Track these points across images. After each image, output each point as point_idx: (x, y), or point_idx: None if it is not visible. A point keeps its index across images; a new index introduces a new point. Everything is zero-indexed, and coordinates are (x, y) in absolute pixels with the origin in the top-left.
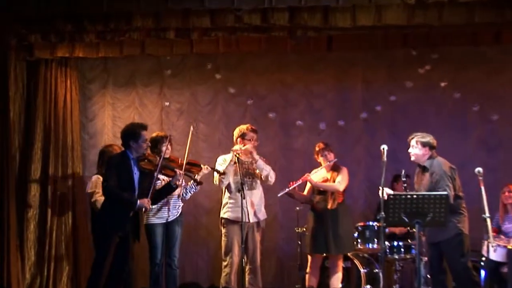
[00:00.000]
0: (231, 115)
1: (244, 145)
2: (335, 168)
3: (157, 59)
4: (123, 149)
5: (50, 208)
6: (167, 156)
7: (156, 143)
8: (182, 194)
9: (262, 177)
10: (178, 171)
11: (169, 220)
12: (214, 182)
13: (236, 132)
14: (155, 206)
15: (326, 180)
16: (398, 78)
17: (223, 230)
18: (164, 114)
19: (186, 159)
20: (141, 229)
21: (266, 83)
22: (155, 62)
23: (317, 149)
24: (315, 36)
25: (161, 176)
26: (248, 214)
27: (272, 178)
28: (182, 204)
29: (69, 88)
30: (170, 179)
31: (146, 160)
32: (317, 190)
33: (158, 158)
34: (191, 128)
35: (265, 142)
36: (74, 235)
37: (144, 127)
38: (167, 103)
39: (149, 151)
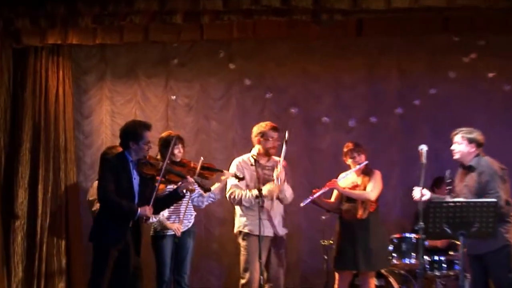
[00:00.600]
0: (247, 111)
1: (267, 147)
2: (366, 172)
3: (162, 47)
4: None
5: (40, 218)
6: (178, 159)
7: (167, 144)
8: (197, 202)
9: (279, 197)
10: (188, 177)
11: (180, 230)
12: (228, 196)
13: (255, 131)
14: (166, 214)
15: (356, 186)
16: (439, 68)
17: (243, 244)
18: (170, 109)
19: (200, 163)
20: (142, 242)
21: (287, 74)
22: (160, 50)
23: (345, 149)
24: (342, 20)
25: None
26: (268, 227)
27: (288, 200)
28: (195, 213)
29: (61, 80)
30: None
31: (147, 164)
32: (345, 197)
33: (161, 162)
34: (286, 133)
35: (288, 143)
36: (67, 248)
37: (147, 126)
38: (173, 97)
39: (156, 154)
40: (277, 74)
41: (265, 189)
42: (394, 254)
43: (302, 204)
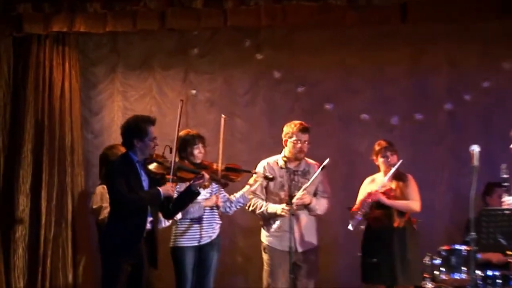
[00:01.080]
0: (276, 107)
1: (294, 151)
2: (399, 177)
3: (180, 35)
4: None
5: (44, 228)
6: (198, 161)
7: (186, 144)
8: (224, 208)
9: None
10: (202, 172)
11: (202, 242)
12: (248, 206)
13: (284, 131)
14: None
15: (389, 191)
16: (493, 59)
17: (265, 257)
18: (190, 105)
19: (222, 163)
20: (158, 252)
21: (321, 66)
22: (178, 39)
23: (377, 148)
24: (384, 5)
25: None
26: (295, 241)
27: (320, 213)
28: (221, 222)
29: (67, 72)
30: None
31: (155, 163)
32: (375, 202)
33: (169, 160)
34: (222, 119)
35: (320, 142)
36: (74, 261)
37: (151, 121)
38: (193, 92)
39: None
40: (309, 66)
41: (279, 208)
42: (442, 269)
43: (350, 228)
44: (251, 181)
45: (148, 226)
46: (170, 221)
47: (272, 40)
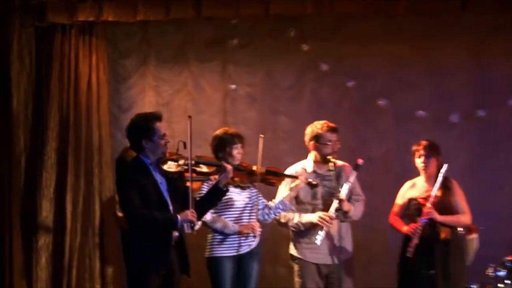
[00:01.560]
0: (323, 103)
1: (325, 153)
2: (444, 183)
3: (218, 24)
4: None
5: (69, 235)
6: (236, 162)
7: (224, 144)
8: (262, 215)
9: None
10: (224, 164)
11: (241, 252)
12: (278, 218)
13: (308, 133)
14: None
15: (432, 198)
16: None
17: (296, 268)
18: (229, 101)
19: (262, 166)
20: (189, 260)
21: (372, 57)
22: (215, 29)
23: (418, 147)
24: None
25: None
26: (320, 253)
27: (355, 219)
28: (261, 229)
29: (94, 65)
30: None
31: (170, 162)
32: (415, 207)
33: (185, 156)
34: (260, 139)
35: (371, 141)
36: (102, 272)
37: (156, 117)
38: (233, 86)
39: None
40: (360, 58)
41: (315, 217)
42: (507, 281)
43: (409, 255)
44: (292, 185)
45: (175, 233)
46: (200, 223)
47: (319, 30)
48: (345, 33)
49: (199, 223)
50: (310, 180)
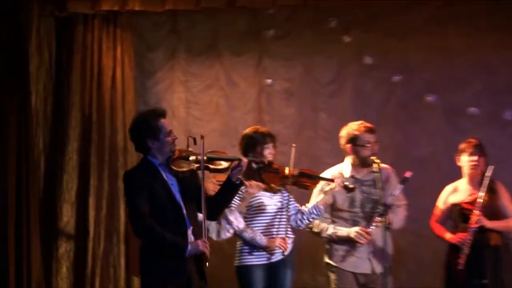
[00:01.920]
0: (367, 99)
1: (363, 156)
2: (491, 186)
3: (253, 14)
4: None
5: (92, 242)
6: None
7: (254, 144)
8: (295, 221)
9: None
10: (241, 158)
11: (273, 259)
12: (311, 227)
13: (343, 135)
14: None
15: (474, 200)
16: None
17: (332, 277)
18: (265, 97)
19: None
20: (205, 268)
21: (421, 50)
22: (250, 19)
23: (467, 146)
24: None
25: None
26: (361, 262)
27: (400, 225)
28: (294, 236)
29: (119, 58)
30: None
31: (180, 160)
32: (459, 212)
33: (196, 152)
34: (293, 148)
35: (419, 140)
36: (128, 282)
37: (159, 113)
38: (268, 81)
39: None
40: (407, 50)
41: (352, 232)
42: None
43: (461, 268)
44: (327, 188)
45: (191, 238)
46: (232, 231)
47: (362, 20)
48: (391, 23)
49: (231, 231)
50: (346, 183)
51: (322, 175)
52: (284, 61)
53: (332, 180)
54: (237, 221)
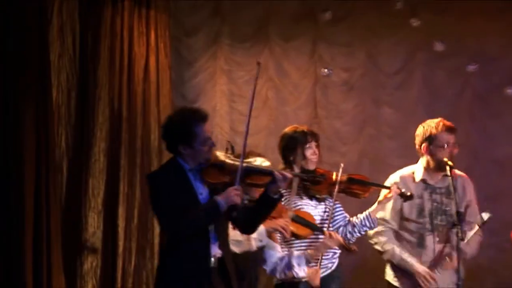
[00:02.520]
0: (438, 91)
1: (440, 158)
2: None
3: None
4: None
5: (122, 256)
6: (312, 167)
7: (294, 144)
8: (345, 232)
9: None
10: (278, 172)
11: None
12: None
13: (420, 134)
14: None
15: None
16: None
17: None
18: (320, 89)
19: (340, 172)
20: (233, 277)
21: (499, 35)
22: (303, 0)
23: None
24: None
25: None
26: (437, 283)
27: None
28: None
29: (153, 46)
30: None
31: (215, 169)
32: None
33: (236, 161)
34: (340, 169)
35: (499, 139)
36: None
37: (199, 117)
38: (325, 71)
39: (219, 153)
40: (484, 36)
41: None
42: None
43: None
44: (381, 197)
45: (218, 251)
46: (265, 241)
47: (432, 1)
48: (465, 5)
49: (287, 275)
50: (403, 190)
51: (391, 178)
52: (343, 48)
53: (387, 187)
54: (298, 269)
